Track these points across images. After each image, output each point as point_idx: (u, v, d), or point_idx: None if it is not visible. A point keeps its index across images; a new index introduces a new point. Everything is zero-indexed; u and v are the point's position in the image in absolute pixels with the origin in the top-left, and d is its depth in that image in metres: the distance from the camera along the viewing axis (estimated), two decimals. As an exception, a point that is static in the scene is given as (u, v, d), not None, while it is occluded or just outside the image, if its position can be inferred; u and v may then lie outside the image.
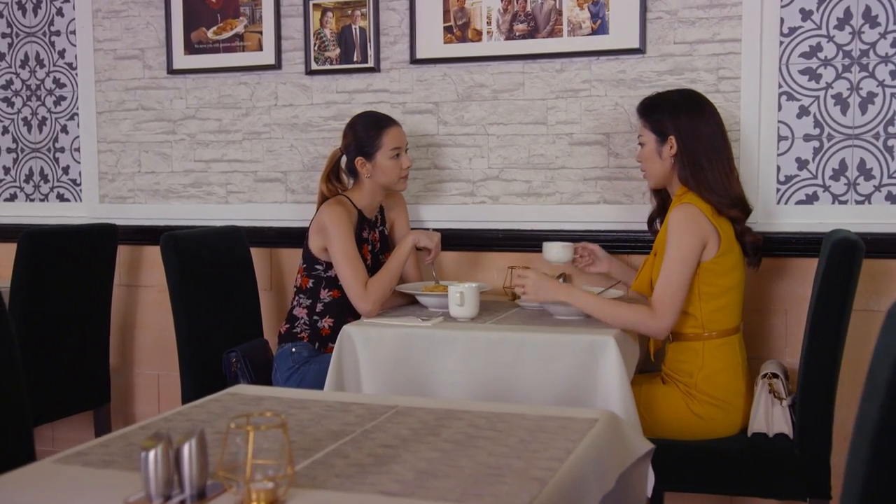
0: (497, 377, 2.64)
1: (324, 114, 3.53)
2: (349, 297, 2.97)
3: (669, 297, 2.61)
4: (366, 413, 1.77)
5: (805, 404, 2.57)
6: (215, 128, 3.68)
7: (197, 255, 3.16)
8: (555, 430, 1.63)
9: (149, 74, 3.75)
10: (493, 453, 1.50)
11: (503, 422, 1.69)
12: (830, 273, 2.50)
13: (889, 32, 2.95)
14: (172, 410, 1.78)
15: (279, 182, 3.61)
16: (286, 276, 3.65)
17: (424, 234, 3.05)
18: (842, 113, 3.01)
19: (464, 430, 1.64)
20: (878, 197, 3.00)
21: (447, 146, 3.39)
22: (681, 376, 2.71)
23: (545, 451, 1.50)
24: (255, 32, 3.57)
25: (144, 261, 3.84)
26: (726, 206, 2.69)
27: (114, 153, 3.83)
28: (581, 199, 3.27)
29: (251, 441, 1.24)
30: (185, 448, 1.31)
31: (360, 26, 3.44)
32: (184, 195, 3.74)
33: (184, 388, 3.12)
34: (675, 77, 3.13)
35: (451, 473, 1.40)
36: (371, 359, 2.74)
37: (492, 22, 3.29)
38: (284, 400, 1.87)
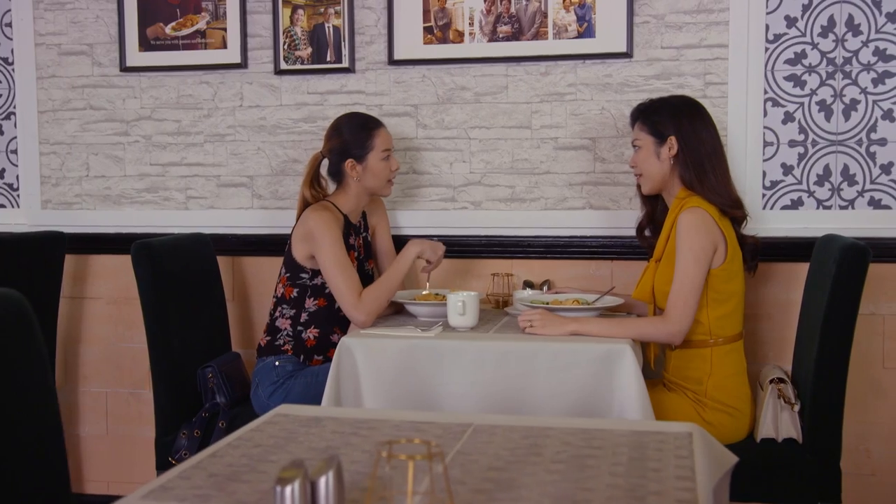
0: (508, 388, 2.55)
1: (294, 115, 3.37)
2: (342, 306, 2.83)
3: (684, 301, 2.58)
4: (443, 432, 1.66)
5: (815, 409, 2.58)
6: (173, 129, 3.47)
7: (169, 265, 2.96)
8: (657, 446, 1.56)
9: (98, 72, 3.51)
10: (614, 473, 1.42)
11: (596, 438, 1.61)
12: (841, 278, 2.52)
13: (871, 41, 3.01)
14: (233, 436, 1.63)
15: (245, 187, 3.43)
16: (250, 286, 3.47)
17: (429, 247, 2.91)
18: (826, 119, 3.05)
19: (561, 448, 1.55)
20: (862, 202, 3.06)
21: (427, 150, 3.29)
22: (689, 383, 2.69)
23: (667, 470, 1.43)
24: (218, 29, 3.39)
25: (91, 271, 3.59)
26: (729, 208, 2.69)
27: (58, 155, 3.57)
28: (566, 204, 3.22)
29: (411, 472, 1.13)
30: (322, 481, 1.18)
31: (333, 25, 3.30)
32: (138, 200, 3.52)
33: (158, 406, 2.92)
34: (662, 82, 3.12)
35: (590, 498, 1.31)
36: (373, 372, 2.61)
37: (474, 23, 3.21)
38: (345, 420, 1.74)
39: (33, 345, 1.58)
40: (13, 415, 1.50)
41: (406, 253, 2.87)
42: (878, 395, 3.08)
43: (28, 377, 1.55)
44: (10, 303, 1.54)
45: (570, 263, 3.22)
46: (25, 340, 1.56)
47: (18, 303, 1.57)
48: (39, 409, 1.57)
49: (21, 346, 1.55)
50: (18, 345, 1.54)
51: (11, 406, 1.49)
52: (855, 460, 3.06)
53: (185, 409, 2.95)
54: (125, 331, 3.58)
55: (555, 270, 3.23)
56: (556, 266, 3.23)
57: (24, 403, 1.52)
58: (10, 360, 1.51)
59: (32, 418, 1.55)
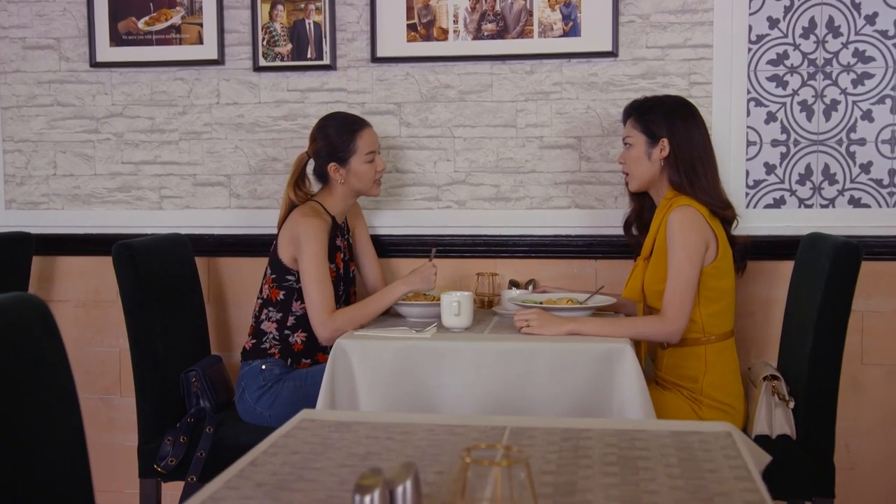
0: (508, 389, 2.53)
1: (273, 113, 3.30)
2: (311, 318, 2.78)
3: (680, 299, 2.59)
4: (480, 436, 1.63)
5: (810, 405, 2.61)
6: (146, 127, 3.37)
7: (150, 266, 2.87)
8: (702, 446, 1.55)
9: (66, 67, 3.39)
10: (671, 475, 1.40)
11: (637, 439, 1.59)
12: (835, 276, 2.55)
13: (851, 42, 3.06)
14: (266, 443, 1.58)
15: (222, 186, 3.35)
16: (226, 287, 3.39)
17: (420, 280, 2.82)
18: (807, 119, 3.10)
19: (607, 450, 1.53)
20: (842, 201, 3.11)
21: (410, 149, 3.25)
22: (684, 382, 2.70)
23: (723, 471, 1.42)
24: (193, 24, 3.30)
25: (58, 273, 3.47)
26: (720, 209, 2.71)
27: (23, 153, 3.44)
28: (551, 203, 3.21)
29: (500, 480, 1.09)
30: (400, 490, 1.14)
31: (314, 21, 3.24)
32: (109, 200, 3.41)
33: (141, 413, 2.83)
34: (648, 81, 3.13)
35: (658, 501, 1.29)
36: (369, 374, 2.57)
37: (458, 21, 3.18)
38: (376, 425, 1.70)
39: (58, 352, 1.51)
40: (41, 425, 1.43)
41: (395, 290, 2.80)
42: (856, 391, 3.14)
43: (54, 385, 1.48)
44: (35, 309, 1.47)
45: (554, 263, 3.21)
46: (51, 348, 1.48)
47: (43, 308, 1.50)
48: (64, 417, 1.50)
49: (47, 353, 1.47)
50: (45, 352, 1.47)
51: (40, 416, 1.42)
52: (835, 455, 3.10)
53: (168, 415, 2.87)
54: (95, 335, 3.47)
55: (539, 270, 3.21)
56: (540, 265, 3.22)
57: (50, 412, 1.45)
58: (39, 368, 1.43)
59: (58, 427, 1.48)
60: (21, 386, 1.37)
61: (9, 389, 1.33)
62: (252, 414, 2.86)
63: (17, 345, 1.39)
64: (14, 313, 1.41)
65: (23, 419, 1.36)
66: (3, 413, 1.31)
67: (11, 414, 1.34)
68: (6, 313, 1.40)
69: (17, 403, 1.35)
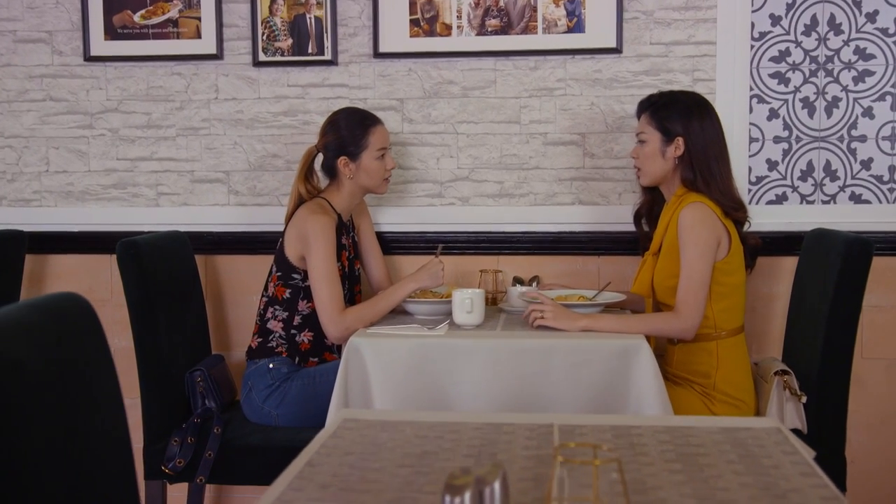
0: (523, 386, 2.52)
1: (273, 109, 3.26)
2: (321, 317, 2.74)
3: (693, 295, 2.59)
4: (529, 433, 1.61)
5: (822, 400, 2.63)
6: (143, 122, 3.31)
7: (153, 265, 2.82)
8: (756, 442, 1.55)
9: (59, 61, 3.32)
10: (737, 472, 1.40)
11: (689, 436, 1.59)
12: (847, 272, 2.58)
13: (852, 40, 3.09)
14: (315, 444, 1.55)
15: (220, 183, 3.30)
16: (224, 285, 3.34)
17: (428, 277, 2.79)
18: (809, 116, 3.12)
19: (664, 447, 1.52)
20: (843, 197, 3.14)
21: (413, 145, 3.23)
22: (696, 377, 2.70)
23: (786, 467, 1.42)
24: (191, 18, 3.24)
25: (50, 271, 3.40)
26: (732, 210, 2.71)
27: (14, 150, 3.36)
28: (555, 200, 3.20)
29: (596, 478, 1.08)
30: (487, 492, 1.12)
31: (315, 15, 3.20)
32: (104, 197, 3.34)
33: (147, 414, 2.77)
34: (651, 77, 3.13)
35: (734, 499, 1.28)
36: (383, 372, 2.54)
37: (462, 16, 3.16)
38: (422, 424, 1.67)
39: (105, 354, 1.46)
40: (89, 430, 1.38)
41: (404, 287, 2.77)
42: (856, 385, 3.15)
43: (102, 388, 1.43)
44: (83, 309, 1.43)
45: (557, 259, 3.21)
46: (99, 349, 1.44)
47: (89, 309, 1.46)
48: (111, 421, 1.46)
49: (96, 355, 1.43)
50: (94, 354, 1.42)
51: (90, 417, 1.38)
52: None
53: (174, 415, 2.82)
54: (87, 334, 3.39)
55: (542, 266, 3.21)
56: (543, 262, 3.21)
57: (98, 416, 1.41)
58: (88, 370, 1.39)
59: (105, 432, 1.43)
60: (74, 386, 1.33)
61: (64, 389, 1.29)
62: (259, 413, 2.82)
63: (68, 344, 1.35)
64: (64, 312, 1.37)
65: (77, 420, 1.32)
66: (59, 414, 1.27)
67: (67, 415, 1.30)
68: (56, 312, 1.36)
69: (70, 405, 1.31)
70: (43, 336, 1.27)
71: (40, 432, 1.19)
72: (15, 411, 1.13)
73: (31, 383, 1.19)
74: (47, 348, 1.27)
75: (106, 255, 3.34)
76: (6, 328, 1.17)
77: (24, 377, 1.17)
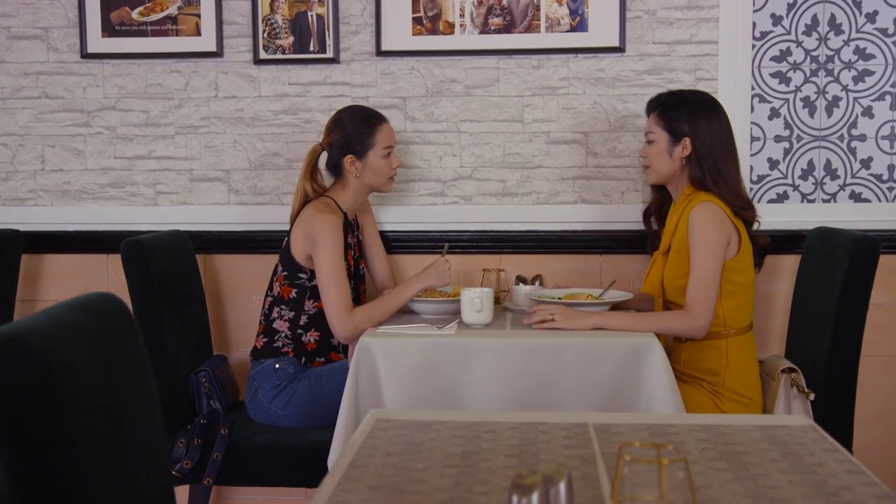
0: (535, 384, 2.52)
1: (274, 107, 3.23)
2: (329, 317, 2.72)
3: (704, 294, 2.60)
4: (565, 432, 1.61)
5: (828, 398, 2.65)
6: (141, 120, 3.27)
7: (157, 264, 2.79)
8: (795, 440, 1.55)
9: (55, 58, 3.27)
10: (782, 470, 1.40)
11: (725, 434, 1.59)
12: (854, 270, 2.60)
13: (852, 40, 3.11)
14: (354, 445, 1.53)
15: (220, 181, 3.26)
16: (223, 285, 3.31)
17: (435, 276, 2.77)
18: (809, 115, 3.14)
19: (704, 446, 1.52)
20: (843, 196, 3.16)
21: (415, 143, 3.21)
22: (704, 375, 2.71)
23: (830, 466, 1.42)
24: (191, 15, 3.21)
25: (45, 272, 3.35)
26: (741, 209, 2.72)
27: (8, 148, 3.31)
28: (558, 198, 3.20)
29: (665, 477, 1.07)
30: (553, 492, 1.11)
31: (316, 13, 3.18)
32: (101, 196, 3.30)
33: (152, 416, 2.73)
34: (654, 77, 3.14)
35: (786, 497, 1.28)
36: (394, 372, 2.53)
37: (465, 15, 3.15)
38: (457, 424, 1.66)
39: (142, 354, 1.44)
40: (130, 431, 1.36)
41: (411, 286, 2.75)
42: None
43: (140, 389, 1.41)
44: (120, 310, 1.40)
45: (559, 258, 3.21)
46: (137, 350, 1.42)
47: (126, 309, 1.43)
48: (148, 421, 1.44)
49: (134, 355, 1.41)
50: (133, 354, 1.40)
51: (131, 420, 1.36)
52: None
53: (179, 417, 2.79)
54: (83, 335, 3.34)
55: (544, 265, 3.21)
56: (545, 261, 3.21)
57: (137, 417, 1.39)
58: (129, 370, 1.37)
59: (144, 432, 1.41)
60: (117, 386, 1.31)
61: (109, 390, 1.27)
62: (265, 414, 2.79)
63: (111, 345, 1.33)
64: (105, 313, 1.35)
65: (121, 420, 1.30)
66: (106, 414, 1.25)
67: (112, 416, 1.27)
68: (98, 312, 1.33)
69: (114, 405, 1.29)
70: (90, 336, 1.24)
71: (92, 433, 1.17)
72: (72, 411, 1.11)
73: (83, 383, 1.17)
74: (94, 349, 1.25)
75: (102, 254, 3.30)
76: (58, 329, 1.15)
77: (78, 377, 1.15)
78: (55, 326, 1.15)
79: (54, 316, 1.19)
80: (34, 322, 1.13)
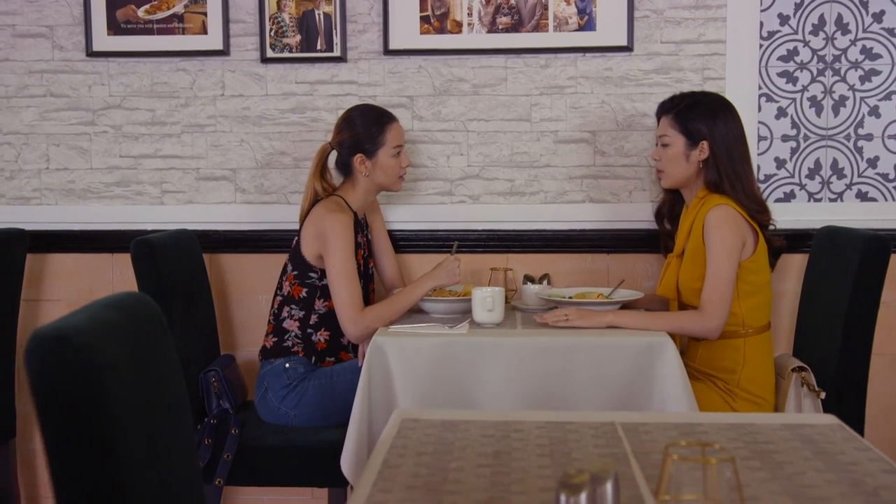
0: (548, 384, 2.52)
1: (281, 106, 3.22)
2: (340, 317, 2.72)
3: (719, 295, 2.60)
4: (593, 431, 1.61)
5: (839, 396, 2.66)
6: (147, 119, 3.25)
7: (168, 265, 2.77)
8: (824, 439, 1.56)
9: (60, 56, 3.25)
10: (817, 469, 1.40)
11: (755, 433, 1.59)
12: (865, 269, 2.61)
13: (859, 40, 3.13)
14: (383, 446, 1.52)
15: (227, 181, 3.25)
16: (228, 284, 3.30)
17: (445, 274, 2.77)
18: (816, 115, 3.15)
19: (734, 444, 1.53)
20: (850, 195, 3.17)
21: (423, 143, 3.21)
22: (720, 373, 2.71)
23: (864, 465, 1.42)
24: (197, 13, 3.19)
25: (49, 271, 3.33)
26: (756, 213, 2.72)
27: (12, 146, 3.29)
28: (566, 198, 3.20)
29: (715, 476, 1.07)
30: (600, 491, 1.11)
31: (324, 12, 3.17)
32: (106, 195, 3.28)
33: (162, 416, 2.72)
34: (662, 76, 3.14)
35: (826, 495, 1.29)
36: (407, 371, 2.52)
37: (473, 14, 3.15)
38: (485, 423, 1.66)
39: (173, 355, 1.43)
40: (165, 431, 1.35)
41: (422, 286, 2.74)
42: (861, 381, 3.21)
43: (172, 388, 1.40)
44: (153, 311, 1.39)
45: (567, 257, 3.21)
46: (169, 350, 1.41)
47: (158, 310, 1.42)
48: (179, 420, 1.43)
49: (167, 355, 1.40)
50: (165, 355, 1.39)
51: (166, 420, 1.35)
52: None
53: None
54: (87, 335, 3.33)
55: (551, 264, 3.20)
56: (552, 260, 3.21)
57: (171, 416, 1.38)
58: (163, 371, 1.36)
59: (176, 432, 1.40)
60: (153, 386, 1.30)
61: (147, 390, 1.26)
62: (275, 414, 2.78)
63: (146, 345, 1.32)
64: (139, 314, 1.34)
65: (156, 420, 1.29)
66: (145, 415, 1.24)
67: (150, 416, 1.26)
68: (133, 313, 1.32)
69: (150, 405, 1.28)
70: (127, 336, 1.24)
71: (133, 433, 1.16)
72: (116, 412, 1.10)
73: (124, 383, 1.16)
74: (131, 349, 1.24)
75: (107, 254, 3.28)
76: (100, 329, 1.14)
77: (120, 377, 1.14)
78: (97, 326, 1.14)
79: (93, 316, 1.18)
80: (76, 321, 1.12)
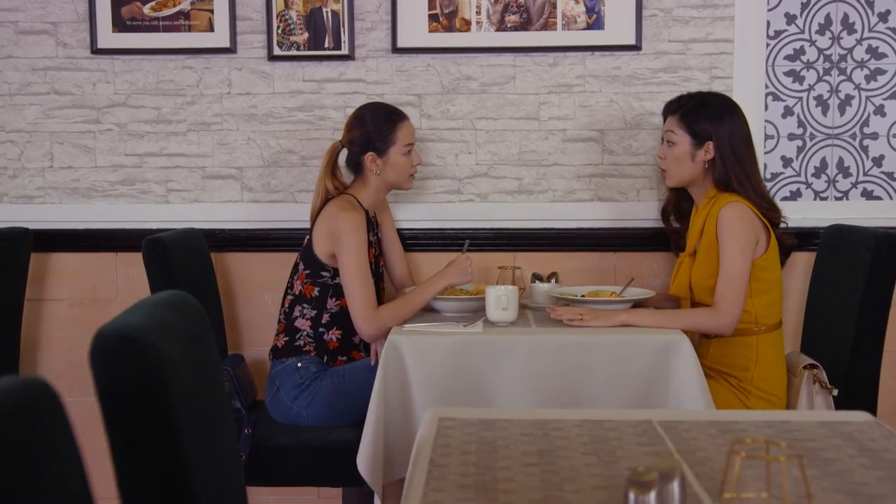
0: (564, 382, 2.52)
1: (288, 104, 3.20)
2: (354, 316, 2.71)
3: (732, 292, 2.61)
4: (632, 429, 1.61)
5: (851, 394, 2.68)
6: (152, 117, 3.23)
7: (178, 264, 2.76)
8: (863, 436, 1.56)
9: (64, 53, 3.22)
10: (865, 465, 1.40)
11: (795, 430, 1.59)
12: (878, 267, 2.63)
13: (864, 39, 3.15)
14: (423, 446, 1.52)
15: (233, 179, 3.23)
16: (235, 283, 3.28)
17: (458, 273, 2.77)
18: (822, 114, 3.17)
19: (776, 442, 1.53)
20: (855, 193, 3.20)
21: (431, 141, 3.20)
22: (733, 371, 2.72)
23: (907, 460, 1.44)
24: (203, 11, 3.17)
25: (52, 270, 3.29)
26: (767, 210, 2.73)
27: (16, 144, 3.25)
28: (574, 196, 3.20)
29: (784, 474, 1.08)
30: (667, 489, 1.11)
31: (331, 9, 3.15)
32: (111, 194, 3.25)
33: (174, 416, 2.70)
34: (670, 75, 3.15)
35: (881, 493, 1.29)
36: (423, 370, 2.51)
37: (481, 12, 3.14)
38: (524, 422, 1.66)
39: (216, 354, 1.42)
40: (216, 431, 1.34)
41: (434, 284, 2.74)
42: (865, 378, 3.23)
43: (218, 388, 1.39)
44: (198, 310, 1.38)
45: (575, 256, 3.21)
46: (213, 349, 1.40)
47: (202, 309, 1.41)
48: (226, 420, 1.41)
49: (212, 354, 1.39)
50: (211, 353, 1.38)
51: (218, 420, 1.34)
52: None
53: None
54: (90, 335, 3.29)
55: (558, 263, 3.21)
56: (560, 258, 3.21)
57: (221, 416, 1.37)
58: (212, 370, 1.35)
59: (225, 432, 1.39)
60: (206, 385, 1.29)
61: (201, 390, 1.25)
62: (287, 414, 2.77)
63: (197, 344, 1.31)
64: (188, 313, 1.33)
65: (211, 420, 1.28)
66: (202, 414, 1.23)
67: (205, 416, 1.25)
68: (182, 312, 1.31)
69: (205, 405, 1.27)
70: (182, 335, 1.23)
71: (192, 432, 1.15)
72: (178, 411, 1.09)
73: (183, 382, 1.14)
74: (184, 347, 1.23)
75: (111, 253, 3.25)
76: (159, 328, 1.13)
77: (180, 376, 1.13)
78: (156, 325, 1.13)
79: (150, 315, 1.17)
80: (136, 320, 1.11)
